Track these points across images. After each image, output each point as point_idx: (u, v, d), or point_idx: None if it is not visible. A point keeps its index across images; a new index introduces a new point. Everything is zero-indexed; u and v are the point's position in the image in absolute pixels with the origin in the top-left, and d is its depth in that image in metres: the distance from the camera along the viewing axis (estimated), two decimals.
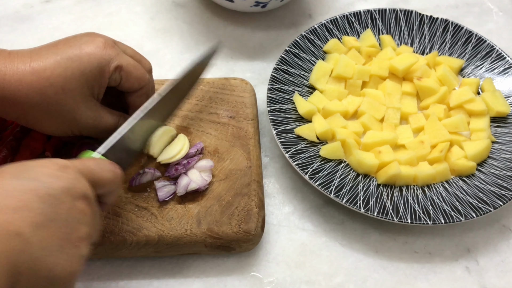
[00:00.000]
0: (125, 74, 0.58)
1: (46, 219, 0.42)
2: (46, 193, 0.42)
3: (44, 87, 0.53)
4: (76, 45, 0.56)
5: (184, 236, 0.60)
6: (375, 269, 0.63)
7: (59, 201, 0.43)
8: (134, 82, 0.59)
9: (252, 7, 0.81)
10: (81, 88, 0.55)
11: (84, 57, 0.55)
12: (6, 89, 0.53)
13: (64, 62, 0.54)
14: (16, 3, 0.88)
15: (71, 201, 0.44)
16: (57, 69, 0.54)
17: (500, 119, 0.72)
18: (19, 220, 0.40)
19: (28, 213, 0.41)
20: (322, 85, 0.74)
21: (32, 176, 0.43)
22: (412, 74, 0.74)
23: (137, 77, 0.59)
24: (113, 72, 0.57)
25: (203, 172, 0.63)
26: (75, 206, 0.44)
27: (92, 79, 0.56)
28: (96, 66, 0.55)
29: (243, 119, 0.69)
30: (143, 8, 0.88)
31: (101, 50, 0.56)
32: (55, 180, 0.44)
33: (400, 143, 0.69)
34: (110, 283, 0.61)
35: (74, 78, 0.54)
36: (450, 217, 0.62)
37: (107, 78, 0.57)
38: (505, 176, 0.66)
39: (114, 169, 0.50)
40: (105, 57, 0.56)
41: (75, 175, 0.45)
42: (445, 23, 0.80)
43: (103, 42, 0.57)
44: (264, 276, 0.62)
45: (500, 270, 0.63)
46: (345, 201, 0.63)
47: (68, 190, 0.44)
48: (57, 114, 0.55)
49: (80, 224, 0.44)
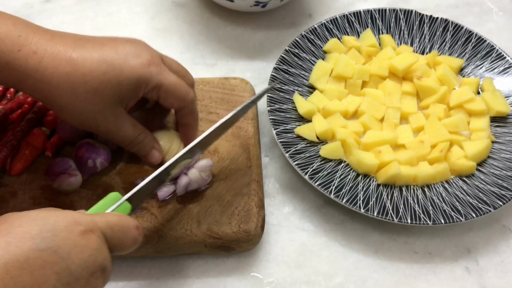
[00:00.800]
0: (163, 93, 0.57)
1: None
2: (64, 268, 0.40)
3: (78, 82, 0.53)
4: (122, 53, 0.55)
5: (184, 236, 0.60)
6: (375, 269, 0.63)
7: (75, 279, 0.41)
8: (174, 101, 0.59)
9: (252, 7, 0.81)
10: (112, 96, 0.55)
11: (125, 69, 0.54)
12: (40, 72, 0.52)
13: (105, 66, 0.53)
14: (16, 3, 0.88)
15: (87, 277, 0.42)
16: (96, 70, 0.53)
17: (500, 119, 0.72)
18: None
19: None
20: (322, 84, 0.74)
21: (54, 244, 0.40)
22: (412, 74, 0.74)
23: (177, 96, 0.58)
24: (150, 90, 0.56)
25: (203, 172, 0.63)
26: (89, 282, 0.42)
27: (126, 92, 0.55)
28: (134, 82, 0.55)
29: (243, 118, 0.69)
30: (143, 8, 0.88)
31: (144, 67, 0.55)
32: (76, 252, 0.41)
33: (400, 143, 0.69)
34: (110, 283, 0.60)
35: (110, 84, 0.54)
36: (450, 217, 0.62)
37: (141, 94, 0.57)
38: (505, 176, 0.66)
39: (136, 235, 0.47)
40: (145, 75, 0.55)
41: (98, 244, 0.43)
42: (445, 23, 0.80)
43: (149, 60, 0.56)
44: (264, 276, 0.62)
45: (500, 270, 0.63)
46: (345, 201, 0.63)
47: (87, 264, 0.42)
48: (82, 110, 0.55)
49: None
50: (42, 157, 0.65)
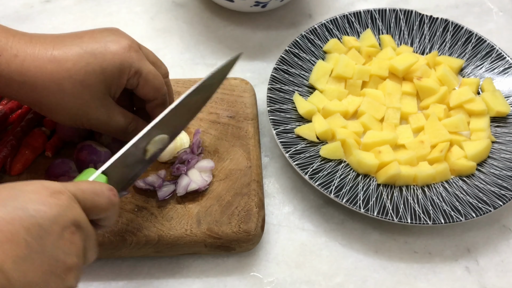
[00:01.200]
0: (143, 80, 0.57)
1: (30, 251, 0.40)
2: (33, 222, 0.40)
3: (63, 78, 0.53)
4: (102, 42, 0.55)
5: (184, 236, 0.60)
6: (375, 269, 0.63)
7: (46, 232, 0.41)
8: (150, 91, 0.59)
9: (252, 7, 0.81)
10: (99, 85, 0.55)
11: (107, 56, 0.55)
12: (24, 74, 0.52)
13: (87, 57, 0.54)
14: (16, 3, 0.88)
15: (60, 231, 0.42)
16: (79, 63, 0.53)
17: (500, 119, 0.72)
18: (2, 254, 0.38)
19: (12, 246, 0.39)
20: (322, 85, 0.74)
21: (21, 204, 0.41)
22: (412, 74, 0.74)
23: (154, 86, 0.58)
24: (132, 76, 0.57)
25: (204, 172, 0.63)
26: (63, 236, 0.42)
27: (111, 78, 0.55)
28: (118, 67, 0.55)
29: (243, 119, 0.69)
30: (143, 8, 0.88)
31: (126, 52, 0.56)
32: (45, 208, 0.41)
33: (400, 143, 0.69)
34: (110, 283, 0.61)
35: (94, 74, 0.54)
36: (450, 217, 0.62)
37: (125, 80, 0.57)
38: (505, 176, 0.66)
39: (110, 195, 0.47)
40: (128, 59, 0.56)
41: (68, 201, 0.43)
42: (445, 23, 0.80)
43: (129, 44, 0.56)
44: (264, 276, 0.62)
45: (500, 270, 0.63)
46: (345, 201, 0.63)
47: (58, 218, 0.42)
48: (71, 105, 0.55)
49: (68, 255, 0.42)
50: (42, 157, 0.65)
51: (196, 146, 0.65)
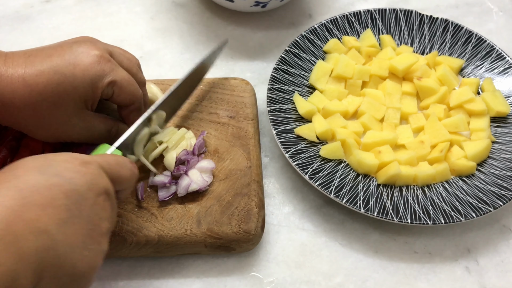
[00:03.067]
0: (117, 89, 0.57)
1: (71, 215, 0.42)
2: (71, 189, 0.43)
3: (37, 102, 0.54)
4: (71, 57, 0.55)
5: (184, 236, 0.60)
6: (375, 269, 0.63)
7: (83, 197, 0.43)
8: (126, 97, 0.59)
9: (252, 7, 0.81)
10: (73, 103, 0.55)
11: (77, 73, 0.54)
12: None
13: (57, 78, 0.54)
14: (16, 3, 0.88)
15: (94, 197, 0.44)
16: (50, 85, 0.53)
17: (500, 119, 0.72)
18: (45, 217, 0.40)
19: (54, 210, 0.41)
20: (322, 85, 0.74)
21: (57, 171, 0.43)
22: (412, 74, 0.74)
23: (129, 92, 0.58)
24: (105, 87, 0.56)
25: (204, 173, 0.63)
26: (97, 202, 0.45)
27: (85, 94, 0.55)
28: (89, 82, 0.55)
29: (243, 119, 0.69)
30: (143, 8, 0.88)
31: (96, 65, 0.55)
32: (79, 175, 0.44)
33: (400, 143, 0.69)
34: (110, 283, 0.61)
35: (67, 94, 0.54)
36: (450, 217, 0.62)
37: (99, 93, 0.57)
38: (505, 176, 0.66)
39: (132, 167, 0.51)
40: (99, 73, 0.55)
41: (97, 170, 0.46)
42: (445, 23, 0.80)
43: (99, 56, 0.56)
44: (264, 276, 0.62)
45: (500, 270, 0.63)
46: (345, 201, 0.63)
47: (91, 186, 0.44)
48: (49, 126, 0.56)
49: (102, 220, 0.45)
50: None
51: (197, 148, 0.65)
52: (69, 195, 0.43)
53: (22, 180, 0.42)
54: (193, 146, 0.65)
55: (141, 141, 0.61)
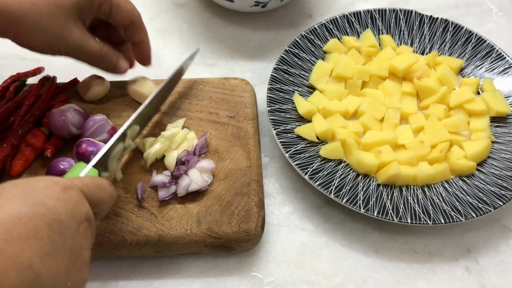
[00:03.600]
0: (115, 5, 0.61)
1: (54, 247, 0.41)
2: (53, 218, 0.42)
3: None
4: None
5: (184, 236, 0.60)
6: (375, 269, 0.63)
7: (66, 227, 0.43)
8: (125, 15, 0.62)
9: (252, 7, 0.81)
10: (72, 7, 0.58)
11: None
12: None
13: None
14: None
15: (76, 226, 0.44)
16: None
17: (500, 119, 0.72)
18: (28, 250, 0.40)
19: (37, 242, 0.40)
20: (322, 85, 0.74)
21: (38, 200, 0.42)
22: (412, 74, 0.74)
23: (127, 10, 0.62)
24: (103, 2, 0.60)
25: (204, 172, 0.63)
26: (79, 230, 0.44)
27: (83, 2, 0.58)
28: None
29: (243, 119, 0.69)
30: (143, 8, 0.88)
31: None
32: (61, 203, 0.43)
33: (400, 143, 0.69)
34: (110, 283, 0.61)
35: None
36: (450, 217, 0.62)
37: (97, 5, 0.60)
38: (505, 176, 0.66)
39: (111, 190, 0.50)
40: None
41: (78, 196, 0.45)
42: (445, 23, 0.80)
43: None
44: (264, 276, 0.62)
45: (500, 270, 0.63)
46: (345, 201, 0.63)
47: (73, 214, 0.44)
48: (47, 26, 0.57)
49: (84, 248, 0.44)
50: (41, 157, 0.65)
51: (198, 148, 0.65)
52: (52, 225, 0.42)
53: (5, 211, 0.41)
54: (194, 147, 0.65)
55: (115, 156, 0.60)
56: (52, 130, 0.66)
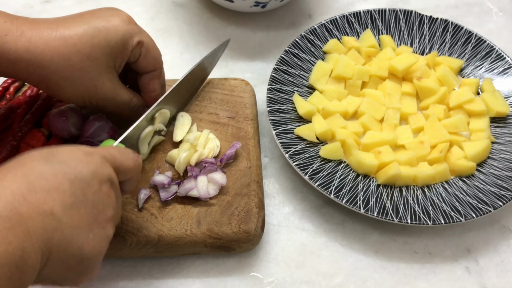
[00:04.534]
0: (144, 50, 0.60)
1: (76, 200, 0.43)
2: (76, 176, 0.44)
3: (70, 53, 0.55)
4: (103, 17, 0.58)
5: (184, 236, 0.60)
6: (375, 269, 0.63)
7: (87, 184, 0.45)
8: (151, 61, 0.61)
9: (252, 7, 0.81)
10: (105, 58, 0.57)
11: (110, 29, 0.57)
12: (31, 52, 0.54)
13: (92, 31, 0.56)
14: (16, 3, 0.88)
15: (98, 185, 0.46)
16: (84, 37, 0.55)
17: (500, 119, 0.72)
18: (51, 200, 0.42)
19: (60, 195, 0.42)
20: (322, 85, 0.74)
21: (62, 160, 0.45)
22: (411, 74, 0.74)
23: (154, 56, 0.61)
24: (135, 47, 0.59)
25: (212, 184, 0.62)
26: (102, 189, 0.46)
27: (116, 51, 0.57)
28: (121, 38, 0.57)
29: (243, 119, 0.69)
30: (143, 8, 0.88)
31: (126, 24, 0.58)
32: (83, 164, 0.45)
33: (400, 144, 0.69)
34: (110, 283, 0.61)
35: (100, 48, 0.56)
36: (450, 218, 0.62)
37: (130, 51, 0.59)
38: (505, 176, 0.66)
39: (135, 157, 0.52)
40: (129, 31, 0.58)
41: (101, 160, 0.47)
42: (445, 23, 0.80)
43: (128, 17, 0.59)
44: (264, 276, 0.62)
45: (500, 270, 0.63)
46: (345, 202, 0.63)
47: (95, 174, 0.46)
48: (80, 81, 0.57)
49: (106, 206, 0.47)
50: None
51: (226, 158, 0.64)
52: (74, 181, 0.44)
53: (28, 167, 0.43)
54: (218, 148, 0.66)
55: (146, 139, 0.62)
56: (52, 131, 0.66)
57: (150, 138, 0.64)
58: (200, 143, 0.65)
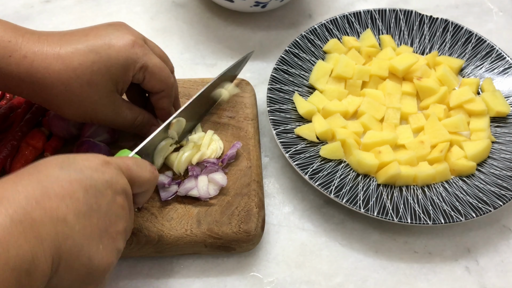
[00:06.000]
0: (149, 74, 0.59)
1: (89, 209, 0.43)
2: (90, 184, 0.44)
3: (70, 78, 0.55)
4: (106, 39, 0.56)
5: (184, 236, 0.60)
6: (375, 269, 0.63)
7: (101, 194, 0.45)
8: (157, 83, 0.60)
9: (252, 7, 0.81)
10: (105, 83, 0.56)
11: (112, 54, 0.56)
12: (33, 75, 0.54)
13: (92, 56, 0.55)
14: (16, 3, 0.88)
15: (112, 195, 0.46)
16: (85, 62, 0.55)
17: (500, 119, 0.72)
18: (64, 207, 0.42)
19: (73, 202, 0.42)
20: (322, 85, 0.74)
21: (77, 168, 0.45)
22: (412, 74, 0.74)
23: (160, 79, 0.60)
24: (137, 71, 0.58)
25: (212, 184, 0.62)
26: (115, 200, 0.46)
27: (117, 76, 0.57)
28: (122, 64, 0.56)
29: (243, 119, 0.69)
30: (143, 8, 0.88)
31: (130, 48, 0.57)
32: (98, 174, 0.45)
33: (400, 143, 0.69)
34: (110, 283, 0.61)
35: (100, 73, 0.55)
36: (450, 217, 0.62)
37: (131, 76, 0.58)
38: (505, 176, 0.66)
39: (152, 170, 0.52)
40: (132, 56, 0.57)
41: (116, 171, 0.47)
42: (445, 23, 0.80)
43: (133, 40, 0.57)
44: (264, 276, 0.62)
45: (500, 270, 0.63)
46: (345, 201, 0.63)
47: (110, 184, 0.46)
48: (79, 104, 0.57)
49: (119, 218, 0.46)
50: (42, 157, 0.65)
51: (227, 158, 0.65)
52: (88, 190, 0.44)
53: (44, 174, 0.43)
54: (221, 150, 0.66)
55: (162, 151, 0.62)
56: (52, 130, 0.66)
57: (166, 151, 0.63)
58: (204, 143, 0.65)
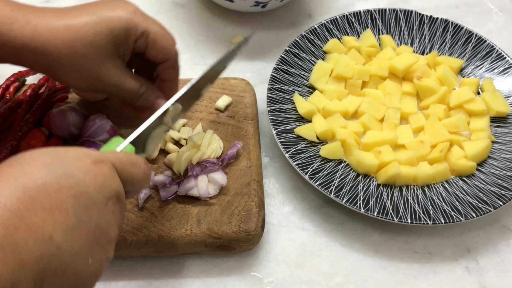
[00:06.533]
0: (151, 41, 0.59)
1: (78, 220, 0.40)
2: (81, 191, 0.41)
3: (74, 39, 0.55)
4: (108, 6, 0.57)
5: (184, 236, 0.60)
6: (375, 269, 0.63)
7: (93, 201, 0.41)
8: (160, 52, 0.60)
9: (252, 7, 0.81)
10: (108, 45, 0.56)
11: (114, 18, 0.56)
12: (36, 39, 0.54)
13: (95, 19, 0.56)
14: None
15: (104, 201, 0.42)
16: (88, 24, 0.55)
17: (500, 119, 0.72)
18: (51, 222, 0.38)
19: (61, 214, 0.39)
20: (322, 85, 0.74)
21: (67, 171, 0.41)
22: (412, 74, 0.74)
23: (162, 46, 0.59)
24: (139, 37, 0.58)
25: (212, 184, 0.62)
26: (107, 206, 0.43)
27: (119, 39, 0.57)
28: (124, 27, 0.57)
29: (243, 119, 0.69)
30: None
31: (131, 14, 0.58)
32: (90, 176, 0.42)
33: (400, 143, 0.69)
34: (110, 283, 0.61)
35: (103, 35, 0.56)
36: (450, 217, 0.62)
37: (133, 41, 0.58)
38: (505, 176, 0.66)
39: (146, 169, 0.49)
40: (134, 20, 0.57)
41: (110, 172, 0.44)
42: (445, 23, 0.80)
43: (134, 8, 0.58)
44: (264, 276, 0.62)
45: (500, 270, 0.63)
46: (345, 201, 0.63)
47: (102, 188, 0.42)
48: (84, 67, 0.57)
49: (110, 225, 0.43)
50: None
51: (228, 158, 0.65)
52: (79, 198, 0.40)
53: (30, 178, 0.39)
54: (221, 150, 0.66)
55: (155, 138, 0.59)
56: (52, 130, 0.66)
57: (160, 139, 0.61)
58: (204, 143, 0.65)
